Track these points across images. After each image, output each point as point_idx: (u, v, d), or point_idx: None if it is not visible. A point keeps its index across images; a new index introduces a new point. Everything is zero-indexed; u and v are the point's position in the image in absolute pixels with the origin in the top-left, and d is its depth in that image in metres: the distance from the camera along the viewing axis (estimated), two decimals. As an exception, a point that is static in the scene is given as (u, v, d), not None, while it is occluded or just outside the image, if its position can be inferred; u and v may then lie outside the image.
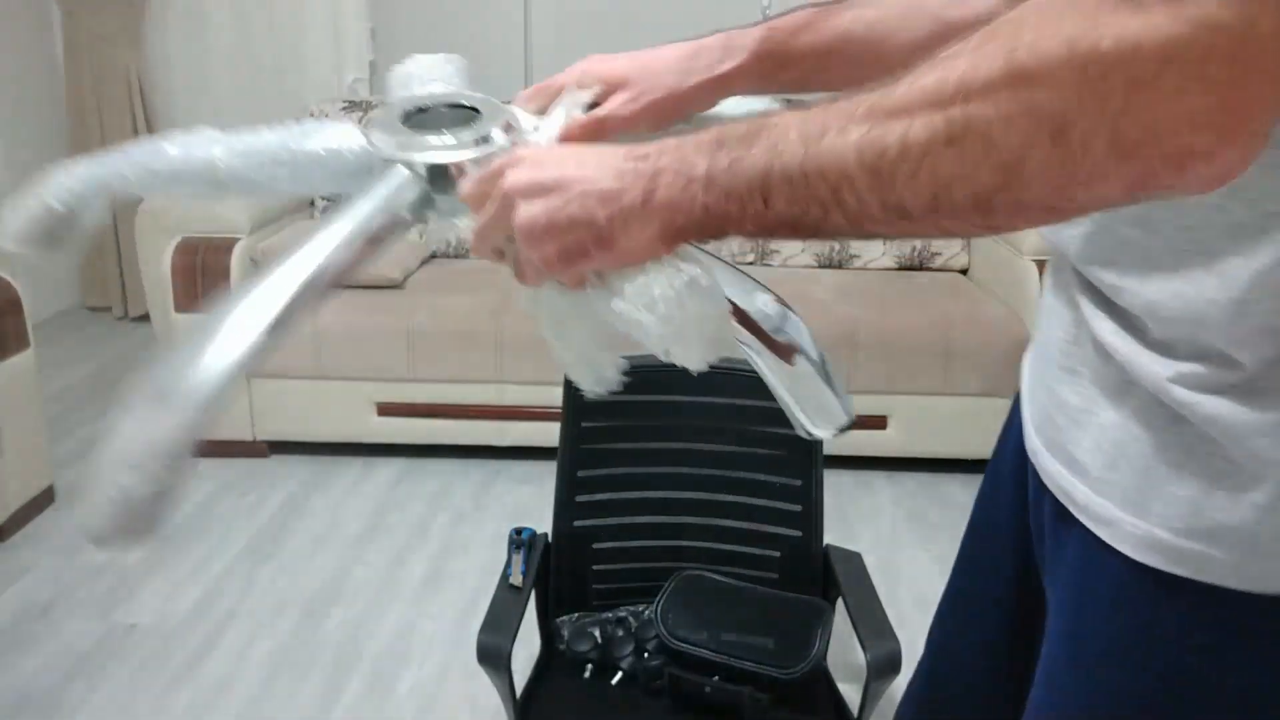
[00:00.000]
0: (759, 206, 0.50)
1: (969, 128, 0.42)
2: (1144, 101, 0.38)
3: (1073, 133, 0.40)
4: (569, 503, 1.51)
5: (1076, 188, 0.42)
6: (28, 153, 3.83)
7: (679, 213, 0.52)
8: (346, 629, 2.08)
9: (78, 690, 1.87)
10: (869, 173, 0.46)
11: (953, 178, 0.44)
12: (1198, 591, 0.54)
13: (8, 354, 2.32)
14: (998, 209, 0.44)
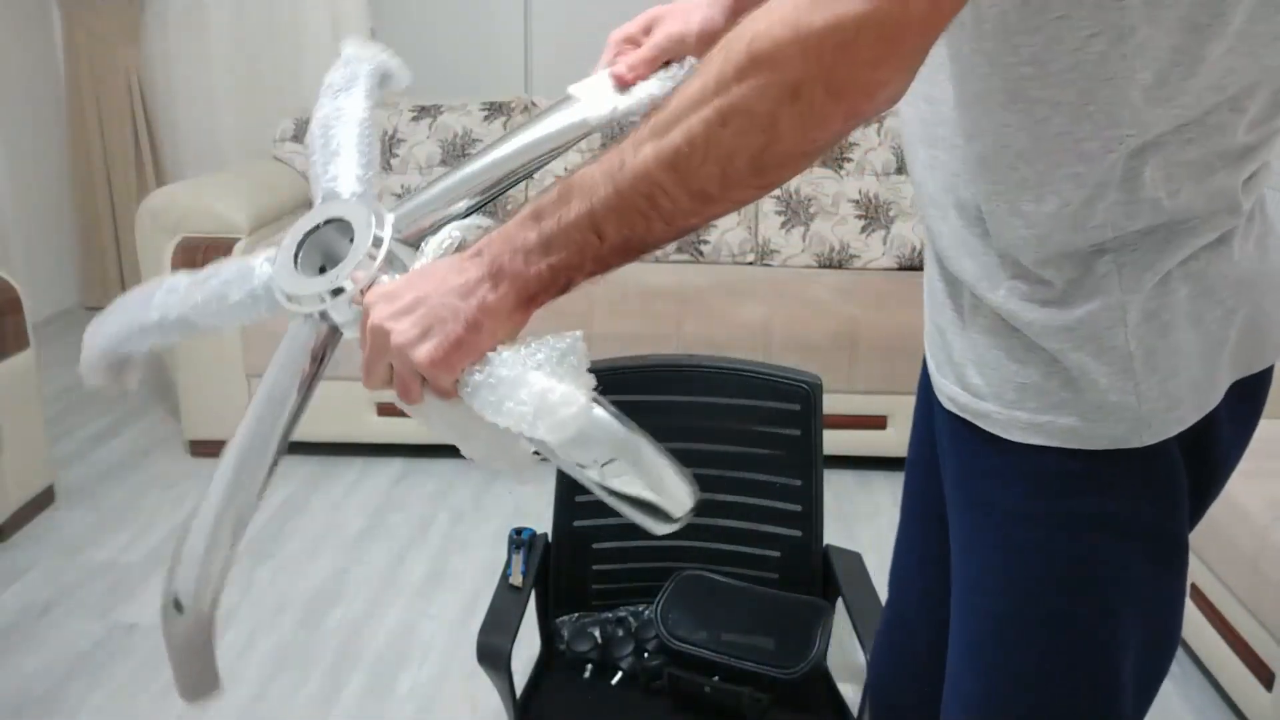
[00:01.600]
0: (595, 243, 0.61)
1: (734, 109, 0.56)
2: (847, 57, 0.53)
3: (803, 90, 0.54)
4: (569, 503, 1.51)
5: (813, 130, 0.56)
6: (28, 153, 3.83)
7: (528, 280, 0.63)
8: (346, 629, 2.08)
9: (78, 690, 1.87)
10: (670, 170, 0.58)
11: (732, 151, 0.57)
12: (1058, 455, 0.71)
13: (8, 354, 2.32)
14: (768, 166, 0.57)
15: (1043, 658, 0.75)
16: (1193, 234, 0.66)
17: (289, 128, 3.37)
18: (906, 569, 1.05)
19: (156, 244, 2.74)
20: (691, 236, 3.25)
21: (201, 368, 2.74)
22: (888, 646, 1.07)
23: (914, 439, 0.99)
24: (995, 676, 0.78)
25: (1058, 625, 0.74)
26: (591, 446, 0.63)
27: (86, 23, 3.77)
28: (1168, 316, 0.67)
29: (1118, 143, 0.63)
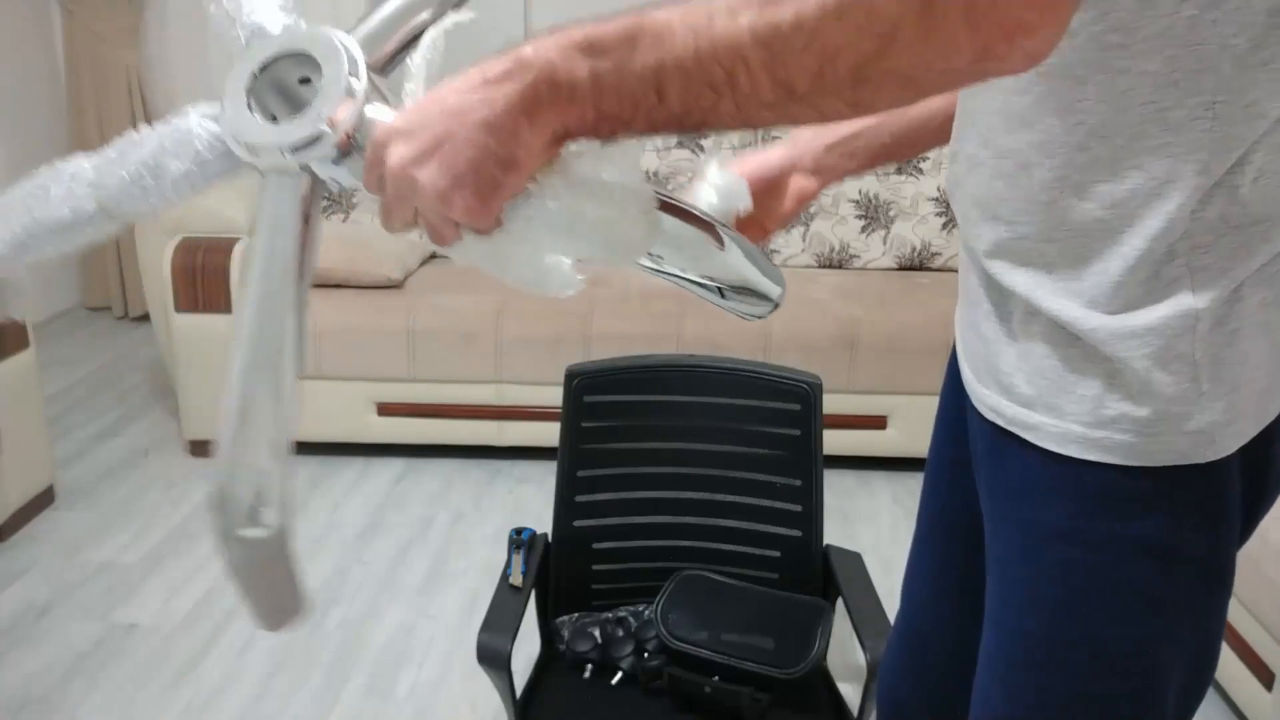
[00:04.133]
0: (652, 102, 0.52)
1: (856, 1, 0.48)
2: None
3: (937, 5, 0.47)
4: (569, 503, 1.51)
5: (933, 56, 0.49)
6: (28, 153, 3.83)
7: (568, 121, 0.53)
8: (346, 629, 2.08)
9: (78, 690, 1.87)
10: (764, 49, 0.49)
11: (839, 48, 0.49)
12: (1112, 472, 0.67)
13: (8, 354, 2.32)
14: (870, 78, 0.49)
15: (1084, 684, 0.71)
16: (1266, 239, 0.63)
17: (289, 128, 3.37)
18: (922, 578, 1.01)
19: (156, 244, 2.74)
20: (691, 236, 3.24)
21: (201, 368, 2.74)
22: (900, 658, 1.04)
23: (936, 445, 0.96)
24: (1030, 700, 0.74)
25: (1100, 651, 0.70)
26: (681, 244, 0.57)
27: (86, 23, 3.77)
28: (1236, 324, 0.64)
29: (1205, 109, 0.59)
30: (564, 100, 0.52)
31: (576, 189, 0.55)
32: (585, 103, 0.52)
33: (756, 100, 0.51)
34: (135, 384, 3.37)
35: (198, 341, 2.71)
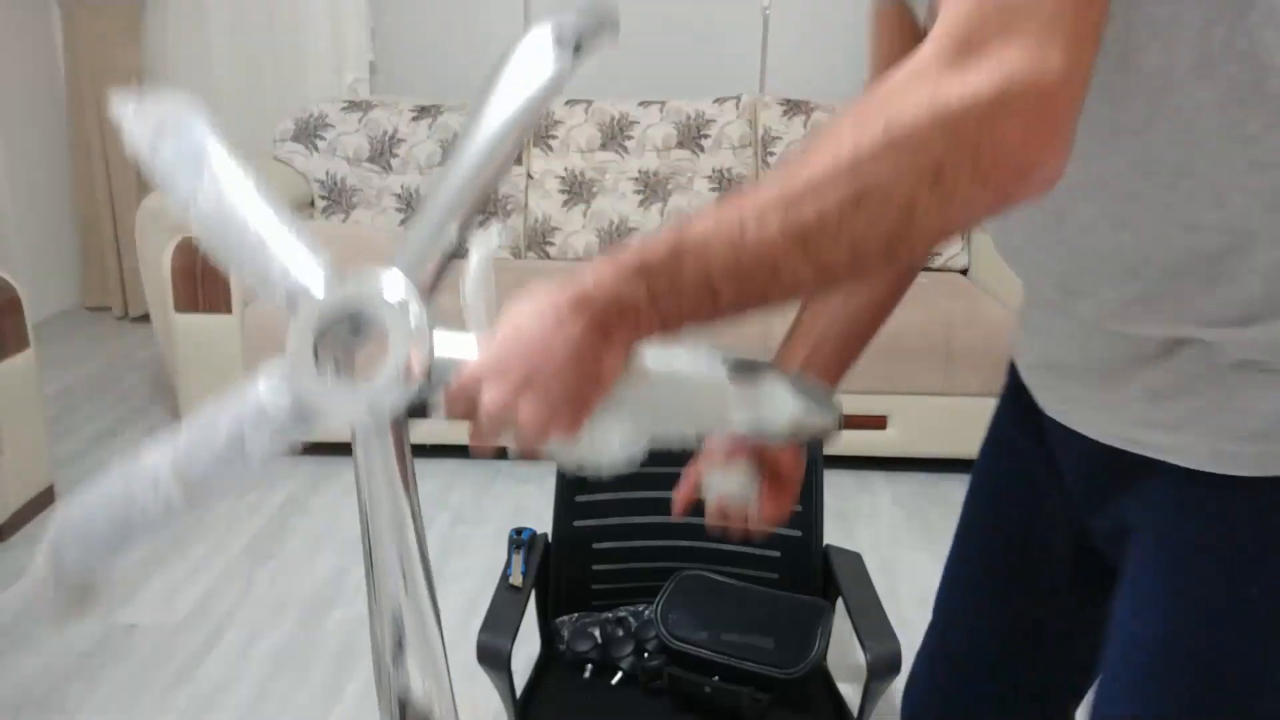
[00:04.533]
0: (708, 305, 0.57)
1: (869, 191, 0.52)
2: (993, 136, 0.51)
3: (945, 173, 0.52)
4: (569, 503, 1.51)
5: (956, 214, 0.53)
6: (28, 153, 3.84)
7: (640, 333, 0.59)
8: (346, 629, 2.08)
9: (78, 690, 1.87)
10: (798, 247, 0.54)
11: (866, 233, 0.53)
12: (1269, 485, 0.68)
13: (8, 354, 2.32)
14: (904, 242, 0.54)
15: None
16: None
17: (289, 128, 3.37)
18: (960, 602, 1.01)
19: (156, 244, 2.74)
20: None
21: (201, 368, 2.74)
22: (931, 679, 1.03)
23: (990, 473, 0.96)
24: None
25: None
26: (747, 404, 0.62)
27: (86, 23, 3.77)
28: None
29: None
30: (630, 320, 0.58)
31: (655, 384, 0.61)
32: (649, 317, 0.58)
33: (803, 283, 0.56)
34: (135, 384, 3.37)
35: (198, 341, 2.71)
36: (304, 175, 3.31)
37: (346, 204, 3.31)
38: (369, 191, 3.32)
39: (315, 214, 3.31)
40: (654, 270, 0.57)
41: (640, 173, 3.36)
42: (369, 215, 3.30)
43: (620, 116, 3.41)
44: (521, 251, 3.34)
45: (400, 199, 3.31)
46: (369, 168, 3.34)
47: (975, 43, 0.52)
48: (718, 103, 3.41)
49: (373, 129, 3.36)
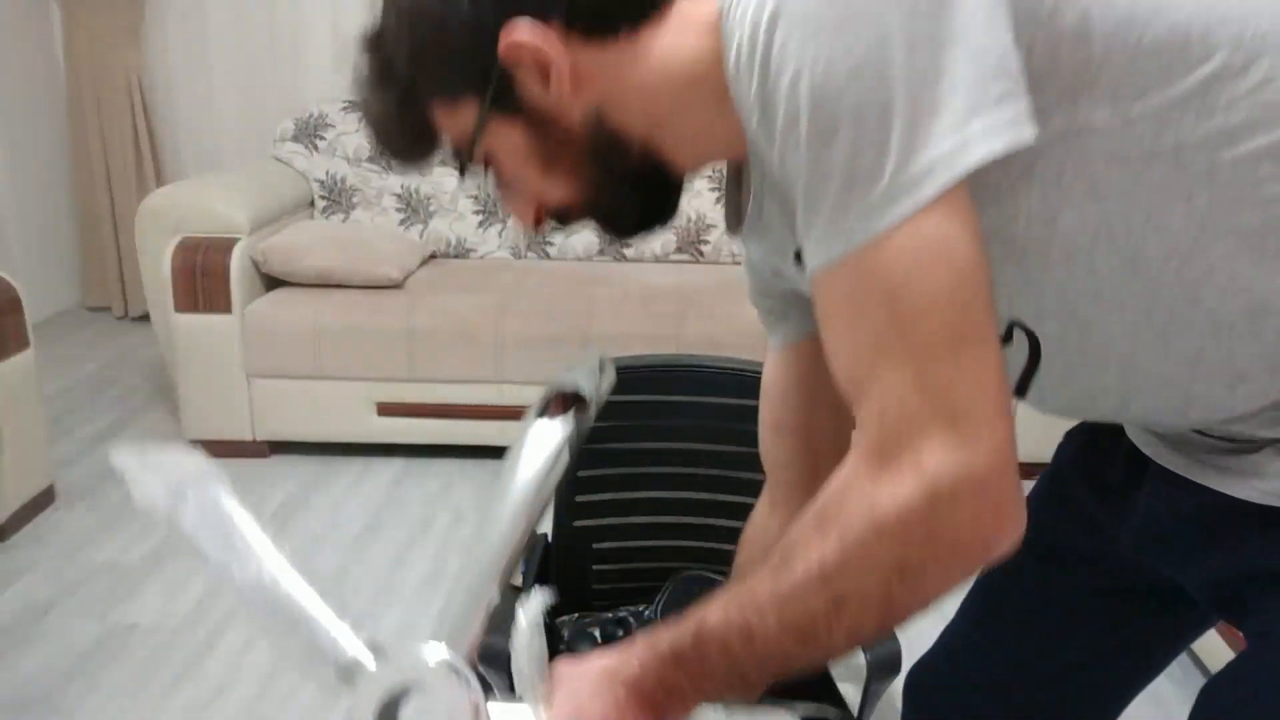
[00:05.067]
0: (740, 683, 0.64)
1: (846, 595, 0.58)
2: (940, 530, 0.55)
3: (909, 567, 0.56)
4: (569, 503, 1.51)
5: (930, 592, 0.58)
6: (28, 153, 3.84)
7: (688, 705, 0.66)
8: (346, 629, 2.08)
9: (78, 690, 1.87)
10: (800, 643, 0.60)
11: (855, 624, 0.59)
12: None
13: (8, 354, 2.32)
14: (893, 620, 0.59)
15: None
16: None
17: (289, 128, 3.37)
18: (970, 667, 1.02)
19: (156, 244, 2.74)
20: (692, 236, 3.25)
21: (201, 368, 2.74)
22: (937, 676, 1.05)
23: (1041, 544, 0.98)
24: None
25: None
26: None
27: (86, 23, 3.77)
28: None
29: None
30: (678, 699, 0.65)
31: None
32: (694, 696, 0.65)
33: (814, 661, 0.62)
34: (135, 384, 3.37)
35: (198, 341, 2.71)
36: (304, 175, 3.31)
37: (346, 204, 3.31)
38: (369, 191, 3.32)
39: (315, 214, 3.31)
40: (686, 658, 0.64)
41: (640, 173, 3.36)
42: (369, 215, 3.31)
43: (620, 116, 3.41)
44: (522, 252, 3.34)
45: (400, 199, 3.31)
46: (369, 168, 3.34)
47: (894, 450, 0.56)
48: (718, 103, 3.41)
49: (373, 129, 3.37)
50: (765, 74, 0.57)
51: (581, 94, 0.69)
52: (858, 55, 0.54)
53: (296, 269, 2.77)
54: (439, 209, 3.31)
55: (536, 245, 3.34)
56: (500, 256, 3.31)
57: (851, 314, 0.58)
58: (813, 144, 0.56)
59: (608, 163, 0.71)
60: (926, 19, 0.54)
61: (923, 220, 0.55)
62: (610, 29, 0.68)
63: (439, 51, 0.70)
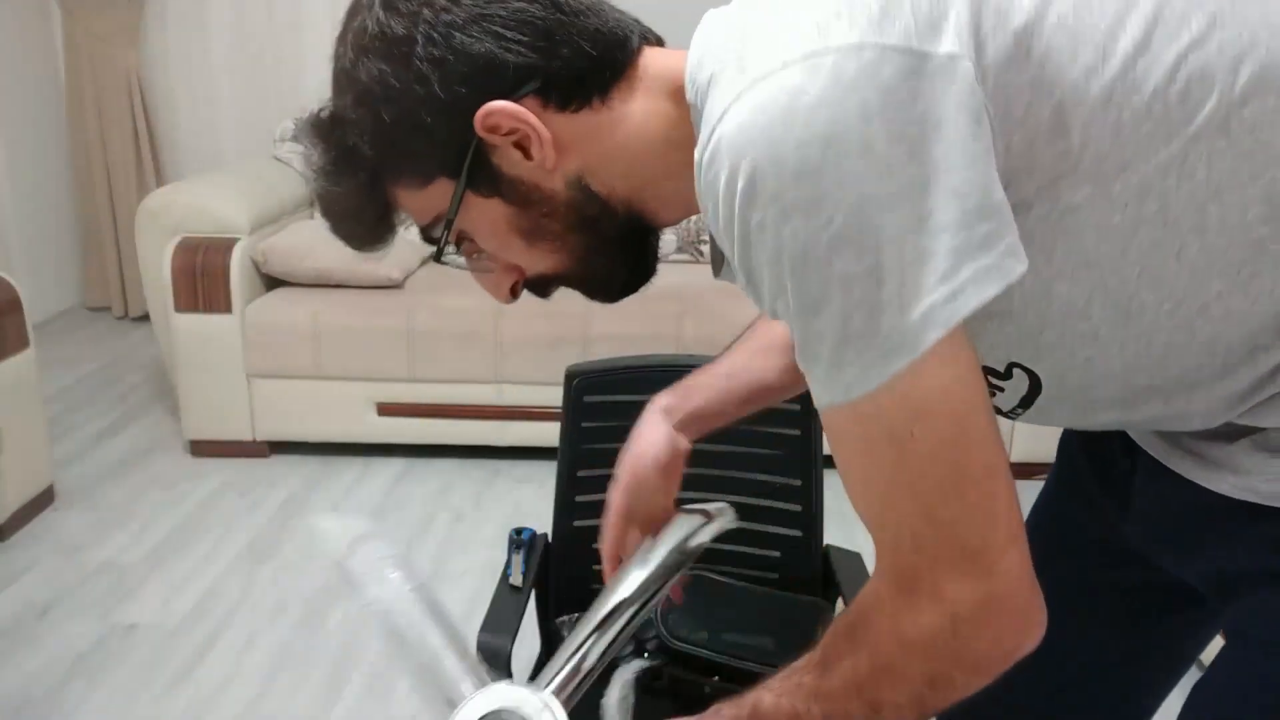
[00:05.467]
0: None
1: (881, 704, 0.63)
2: (966, 647, 0.59)
3: (938, 680, 0.61)
4: (569, 503, 1.51)
5: (961, 694, 0.61)
6: (28, 153, 3.84)
7: None
8: (346, 629, 2.08)
9: (78, 690, 1.87)
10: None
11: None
12: None
13: (8, 354, 2.32)
14: (930, 714, 0.63)
15: None
16: None
17: (289, 128, 3.37)
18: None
19: (156, 244, 2.74)
20: (692, 236, 3.25)
21: (201, 368, 2.74)
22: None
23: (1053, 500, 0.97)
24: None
25: None
26: None
27: (86, 23, 3.77)
28: None
29: None
30: None
31: None
32: None
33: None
34: (135, 384, 3.37)
35: (197, 341, 2.71)
36: (304, 175, 3.31)
37: (346, 204, 3.31)
38: (369, 191, 3.32)
39: (315, 214, 3.31)
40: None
41: (640, 173, 3.36)
42: (369, 215, 3.30)
43: (620, 116, 3.41)
44: (521, 251, 3.34)
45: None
46: (369, 168, 3.34)
47: (912, 580, 0.59)
48: (718, 103, 3.41)
49: (373, 129, 3.37)
50: (746, 249, 0.57)
51: (563, 162, 0.68)
52: (836, 227, 0.54)
53: (296, 269, 2.77)
54: (439, 209, 3.31)
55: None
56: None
57: (860, 452, 0.60)
58: (802, 313, 0.56)
59: (595, 229, 0.71)
60: (902, 171, 0.54)
61: (921, 370, 0.55)
62: (584, 97, 0.68)
63: (409, 135, 0.68)
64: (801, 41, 0.55)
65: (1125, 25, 0.59)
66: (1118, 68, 0.58)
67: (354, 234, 0.75)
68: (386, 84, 0.68)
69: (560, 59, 0.67)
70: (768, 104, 0.55)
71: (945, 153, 0.54)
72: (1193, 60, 0.59)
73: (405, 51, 0.67)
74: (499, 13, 0.66)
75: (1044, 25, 0.58)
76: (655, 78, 0.69)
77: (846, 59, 0.54)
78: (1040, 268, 0.61)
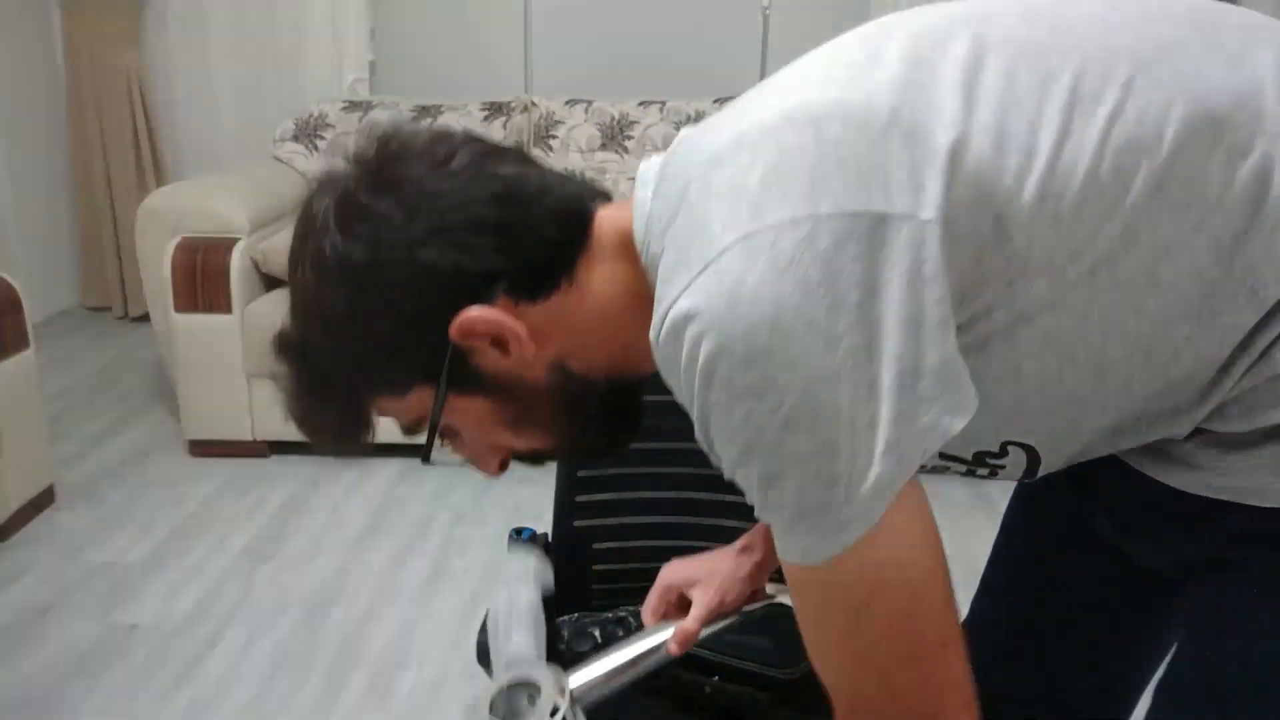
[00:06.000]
0: None
1: None
2: None
3: None
4: (569, 503, 1.51)
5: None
6: (28, 153, 3.84)
7: None
8: (346, 629, 2.08)
9: (78, 690, 1.87)
10: None
11: None
12: None
13: (8, 354, 2.32)
14: None
15: None
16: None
17: (289, 128, 3.37)
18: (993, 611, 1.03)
19: (156, 244, 2.74)
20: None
21: (201, 368, 2.74)
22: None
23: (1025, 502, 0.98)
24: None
25: None
26: None
27: (86, 23, 3.77)
28: None
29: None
30: None
31: None
32: None
33: None
34: (135, 384, 3.37)
35: (198, 341, 2.71)
36: (304, 175, 3.31)
37: (346, 204, 3.32)
38: (369, 191, 3.32)
39: (315, 214, 3.31)
40: None
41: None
42: (369, 215, 3.31)
43: (620, 116, 3.41)
44: (521, 251, 3.34)
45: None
46: (369, 168, 3.34)
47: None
48: (718, 103, 3.41)
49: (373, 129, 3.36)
50: (705, 424, 0.61)
51: (542, 351, 0.69)
52: (787, 409, 0.55)
53: (296, 269, 2.77)
54: (439, 209, 3.31)
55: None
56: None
57: (816, 613, 0.63)
58: (760, 487, 0.59)
59: (580, 408, 0.72)
60: (846, 341, 0.55)
61: (876, 540, 0.57)
62: (553, 283, 0.69)
63: (384, 356, 0.69)
64: (736, 224, 0.57)
65: (1044, 116, 0.60)
66: (1045, 163, 0.59)
67: (334, 445, 0.77)
68: (354, 311, 0.68)
69: (524, 254, 0.67)
70: (713, 292, 0.56)
71: (883, 315, 0.55)
72: (1116, 134, 0.60)
73: (370, 277, 0.67)
74: (457, 221, 0.66)
75: (969, 140, 0.59)
76: (611, 242, 0.70)
77: (782, 236, 0.55)
78: (1005, 353, 0.62)
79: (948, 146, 0.58)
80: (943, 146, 0.58)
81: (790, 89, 0.64)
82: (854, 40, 0.66)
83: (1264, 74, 0.62)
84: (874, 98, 0.59)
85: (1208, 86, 0.61)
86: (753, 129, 0.60)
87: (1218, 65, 0.62)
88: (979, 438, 0.68)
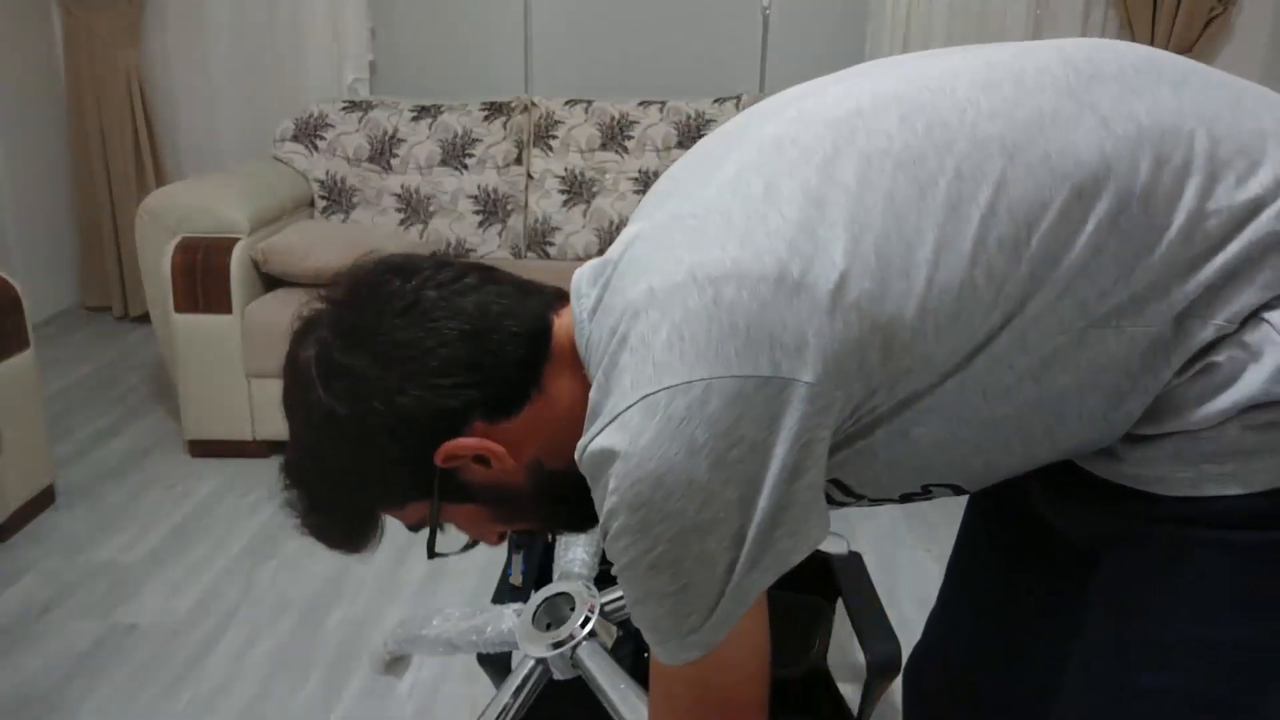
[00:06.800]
0: None
1: None
2: None
3: None
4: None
5: None
6: (28, 153, 3.84)
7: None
8: (346, 629, 2.08)
9: (78, 690, 1.87)
10: None
11: None
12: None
13: (8, 354, 2.32)
14: None
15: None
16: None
17: (289, 128, 3.37)
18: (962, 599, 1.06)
19: (156, 244, 2.74)
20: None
21: (201, 368, 2.74)
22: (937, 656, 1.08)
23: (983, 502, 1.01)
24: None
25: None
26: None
27: (86, 23, 3.77)
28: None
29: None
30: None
31: None
32: None
33: None
34: (135, 384, 3.37)
35: (197, 341, 2.71)
36: (304, 175, 3.31)
37: (346, 204, 3.31)
38: (369, 191, 3.32)
39: (315, 214, 3.31)
40: None
41: (640, 173, 3.36)
42: (369, 215, 3.31)
43: (620, 116, 3.41)
44: (522, 251, 3.34)
45: (400, 199, 3.31)
46: (369, 168, 3.34)
47: None
48: (718, 103, 3.41)
49: (373, 129, 3.36)
50: (604, 534, 0.70)
51: (521, 458, 0.77)
52: (657, 554, 0.65)
53: (296, 269, 2.77)
54: (439, 209, 3.31)
55: (536, 245, 3.34)
56: (500, 256, 3.31)
57: (661, 690, 0.74)
58: (628, 598, 0.70)
59: (563, 499, 0.79)
60: (721, 497, 0.63)
61: (714, 653, 0.69)
62: (524, 397, 0.75)
63: (377, 484, 0.78)
64: (641, 383, 0.64)
65: (921, 232, 0.64)
66: (923, 283, 0.64)
67: (345, 550, 0.84)
68: (344, 455, 0.76)
69: (495, 382, 0.74)
70: (617, 441, 0.64)
71: (762, 472, 0.63)
72: (991, 237, 0.64)
73: (355, 427, 0.74)
74: (429, 364, 0.73)
75: (850, 278, 0.63)
76: (566, 350, 0.77)
77: (676, 397, 0.62)
78: (896, 426, 0.68)
79: (830, 290, 0.63)
80: (826, 293, 0.63)
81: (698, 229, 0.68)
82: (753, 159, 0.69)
83: (1135, 129, 0.65)
84: (764, 256, 0.64)
85: (1076, 161, 0.64)
86: (663, 286, 0.66)
87: (1089, 129, 0.65)
88: (898, 486, 0.74)
